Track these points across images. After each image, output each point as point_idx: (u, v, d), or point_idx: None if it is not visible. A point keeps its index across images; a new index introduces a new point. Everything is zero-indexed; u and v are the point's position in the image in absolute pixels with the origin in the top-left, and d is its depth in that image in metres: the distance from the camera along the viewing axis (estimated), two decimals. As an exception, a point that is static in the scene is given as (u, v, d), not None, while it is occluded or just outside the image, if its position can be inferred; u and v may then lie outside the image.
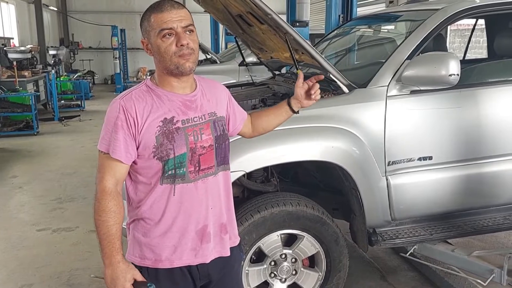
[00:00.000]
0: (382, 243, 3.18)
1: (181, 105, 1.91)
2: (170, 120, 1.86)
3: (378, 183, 3.09)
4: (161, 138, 1.84)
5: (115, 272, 1.83)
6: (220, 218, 2.04)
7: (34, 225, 5.13)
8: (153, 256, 1.94)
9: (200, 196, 1.94)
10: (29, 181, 6.82)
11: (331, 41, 4.75)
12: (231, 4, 3.31)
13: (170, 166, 1.86)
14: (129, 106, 1.83)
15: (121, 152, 1.83)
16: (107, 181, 1.85)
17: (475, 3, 3.35)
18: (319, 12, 15.14)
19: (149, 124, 1.83)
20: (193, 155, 1.90)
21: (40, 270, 4.12)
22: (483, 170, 3.29)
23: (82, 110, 13.56)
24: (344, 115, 3.01)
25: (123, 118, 1.82)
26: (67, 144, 9.20)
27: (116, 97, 1.90)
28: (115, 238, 1.83)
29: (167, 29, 1.81)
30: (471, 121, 3.22)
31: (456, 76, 2.85)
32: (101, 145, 1.86)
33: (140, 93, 1.89)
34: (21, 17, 16.21)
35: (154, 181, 1.89)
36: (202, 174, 1.94)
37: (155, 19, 1.83)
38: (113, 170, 1.85)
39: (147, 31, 1.87)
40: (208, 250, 2.00)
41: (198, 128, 1.92)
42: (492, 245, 4.42)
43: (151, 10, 1.86)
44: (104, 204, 1.82)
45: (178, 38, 1.82)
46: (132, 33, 22.10)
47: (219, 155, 1.99)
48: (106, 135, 1.84)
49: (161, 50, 1.84)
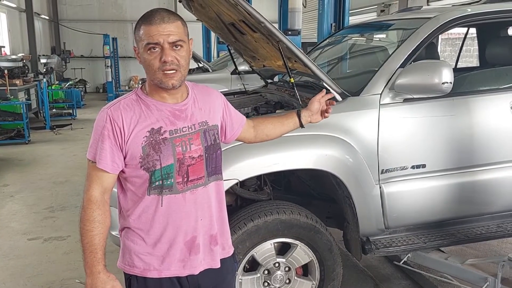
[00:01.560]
0: (375, 251, 3.17)
1: (170, 115, 1.89)
2: (158, 131, 1.84)
3: (371, 191, 3.08)
4: (148, 148, 1.82)
5: (95, 282, 1.83)
6: (210, 230, 2.02)
7: (25, 234, 5.08)
8: (142, 265, 1.93)
9: (188, 207, 1.92)
10: (21, 190, 6.76)
11: (323, 49, 4.76)
12: (224, 12, 3.31)
13: (157, 177, 1.85)
14: (116, 116, 1.82)
15: (107, 162, 1.82)
16: (93, 190, 1.84)
17: (467, 12, 3.37)
18: (311, 20, 15.23)
19: (135, 135, 1.82)
20: (181, 166, 1.88)
21: (32, 279, 4.07)
22: (477, 178, 3.29)
23: (73, 119, 13.50)
24: (338, 123, 3.01)
25: (110, 128, 1.81)
26: (59, 153, 9.15)
27: (105, 106, 1.89)
28: (97, 248, 1.82)
29: (153, 43, 1.79)
30: (464, 129, 3.23)
31: (449, 84, 2.87)
32: (89, 153, 1.87)
33: (129, 102, 1.87)
34: (13, 26, 16.15)
35: (142, 191, 1.88)
36: (191, 185, 1.92)
37: (144, 30, 1.81)
38: (100, 179, 1.85)
39: (137, 41, 1.85)
40: (197, 261, 1.98)
41: (187, 138, 1.89)
42: (485, 253, 4.43)
43: (142, 20, 1.83)
44: (89, 214, 1.81)
45: (162, 53, 1.79)
46: (124, 42, 22.14)
47: (210, 166, 1.97)
48: (94, 144, 1.85)
49: (146, 63, 1.83)
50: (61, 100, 14.89)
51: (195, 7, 3.82)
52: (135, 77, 21.58)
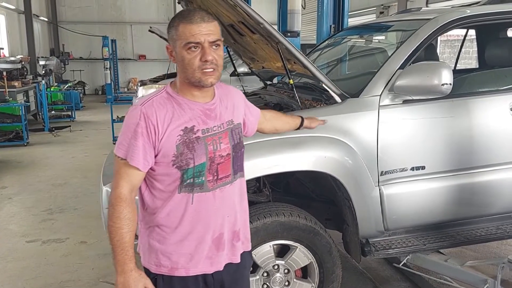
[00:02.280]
0: (375, 253, 3.16)
1: (202, 114, 1.90)
2: (191, 129, 1.85)
3: (371, 193, 3.07)
4: (182, 147, 1.83)
5: (127, 280, 1.82)
6: (234, 226, 2.06)
7: (23, 236, 5.07)
8: (169, 264, 1.94)
9: (217, 205, 1.95)
10: (19, 192, 6.75)
11: (322, 51, 4.76)
12: (223, 13, 3.31)
13: (189, 175, 1.86)
14: (150, 113, 1.81)
15: (139, 160, 1.81)
16: (122, 188, 1.83)
17: (466, 13, 3.36)
18: (310, 22, 15.23)
19: (169, 133, 1.82)
20: (212, 164, 1.90)
21: (30, 282, 4.06)
22: (476, 179, 3.28)
23: (72, 121, 13.50)
24: (337, 125, 3.00)
25: (144, 125, 1.80)
26: (58, 155, 9.13)
27: (137, 103, 1.88)
28: (128, 246, 1.82)
29: (194, 42, 1.79)
30: (463, 131, 3.22)
31: (448, 85, 2.86)
32: (119, 150, 1.84)
33: (161, 100, 1.87)
34: (11, 27, 16.14)
35: (172, 189, 1.89)
36: (220, 183, 1.95)
37: (183, 29, 1.79)
38: (129, 176, 1.84)
39: (173, 39, 1.84)
40: (223, 257, 2.02)
41: (217, 137, 1.92)
42: (484, 255, 4.42)
43: (181, 18, 1.82)
44: (118, 211, 1.80)
45: (203, 53, 1.80)
46: (123, 44, 22.17)
47: (236, 163, 2.00)
48: (125, 141, 1.83)
49: (184, 61, 1.82)
50: (60, 102, 14.88)
51: (194, 8, 3.81)
52: (134, 79, 21.57)
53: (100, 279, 4.01)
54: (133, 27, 22.38)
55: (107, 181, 3.22)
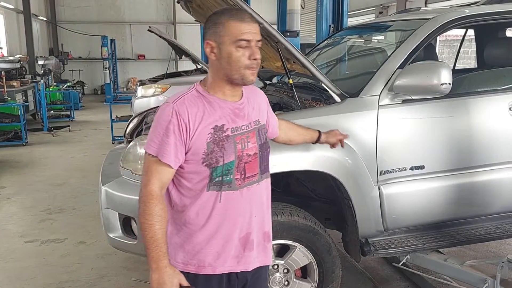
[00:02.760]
0: (374, 253, 3.16)
1: (231, 113, 1.92)
2: (221, 128, 1.87)
3: (370, 193, 3.07)
4: (212, 145, 1.85)
5: (162, 276, 1.83)
6: (263, 226, 2.08)
7: (22, 236, 5.06)
8: (196, 262, 1.96)
9: (244, 204, 1.96)
10: (18, 192, 6.74)
11: (321, 51, 4.75)
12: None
13: (218, 173, 1.88)
14: (182, 111, 1.83)
15: (171, 157, 1.83)
16: (153, 185, 1.84)
17: (465, 13, 3.37)
18: (309, 22, 15.22)
19: (201, 130, 1.84)
20: (240, 163, 1.92)
21: (29, 282, 4.05)
22: (475, 179, 3.29)
23: (71, 121, 13.48)
24: (336, 124, 2.99)
25: (176, 122, 1.82)
26: (56, 155, 9.12)
27: (168, 100, 1.89)
28: (161, 242, 1.83)
29: (245, 40, 1.83)
30: (462, 130, 3.22)
31: (447, 85, 2.86)
32: (150, 147, 1.85)
33: (192, 98, 1.89)
34: (10, 27, 16.12)
35: (200, 187, 1.90)
36: (247, 182, 1.96)
37: (234, 26, 1.83)
38: (160, 174, 1.85)
39: (220, 35, 1.85)
40: (251, 258, 2.03)
41: (245, 136, 1.94)
42: (484, 254, 4.43)
43: (230, 15, 1.85)
44: (151, 208, 1.82)
45: (252, 51, 1.85)
46: (122, 43, 22.16)
47: (263, 163, 2.02)
48: (156, 138, 1.84)
49: (231, 58, 1.84)
50: (58, 101, 14.88)
51: (193, 8, 3.82)
52: (133, 78, 21.57)
53: (132, 278, 4.00)
54: (132, 27, 22.38)
55: (106, 181, 3.22)
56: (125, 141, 4.19)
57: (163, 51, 21.38)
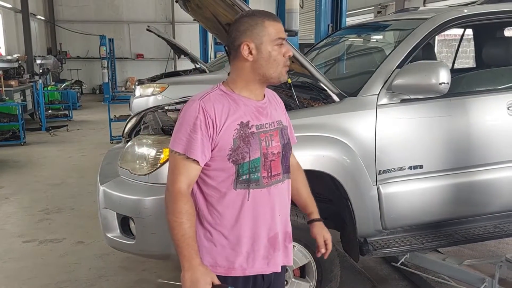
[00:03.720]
0: (373, 252, 3.16)
1: (255, 110, 1.92)
2: (246, 124, 1.86)
3: (369, 192, 3.07)
4: (238, 141, 1.84)
5: (195, 275, 1.79)
6: (286, 226, 2.06)
7: (20, 236, 5.05)
8: (226, 264, 1.93)
9: (272, 202, 1.95)
10: (16, 191, 6.73)
11: (320, 50, 4.75)
12: (221, 13, 3.30)
13: (244, 170, 1.86)
14: (208, 107, 1.83)
15: (198, 153, 1.81)
16: (181, 182, 1.83)
17: (464, 13, 3.37)
18: (308, 21, 15.23)
19: (227, 126, 1.83)
20: (266, 161, 1.90)
21: (27, 282, 4.04)
22: (474, 178, 3.29)
23: (69, 120, 13.45)
24: (335, 124, 3.00)
25: (203, 119, 1.81)
26: (55, 155, 9.10)
27: (194, 98, 1.90)
28: (193, 241, 1.81)
29: (283, 38, 1.87)
30: (461, 130, 3.23)
31: (446, 84, 2.86)
32: (177, 145, 1.84)
33: (216, 96, 1.89)
34: (8, 26, 16.10)
35: (227, 186, 1.88)
36: (274, 180, 1.94)
37: (272, 26, 1.86)
38: (188, 171, 1.84)
39: (259, 36, 1.86)
40: (279, 258, 2.01)
41: (269, 134, 1.93)
42: (482, 253, 4.43)
43: (264, 16, 1.88)
44: (180, 206, 1.80)
45: (287, 49, 1.89)
46: (121, 43, 22.13)
47: (284, 163, 2.00)
48: (183, 135, 1.83)
49: (271, 57, 1.87)
50: (57, 101, 14.86)
51: (191, 7, 3.81)
52: (132, 78, 21.55)
53: (158, 279, 3.94)
54: (131, 26, 22.35)
55: (104, 180, 3.21)
56: (124, 140, 4.18)
57: (161, 50, 21.35)
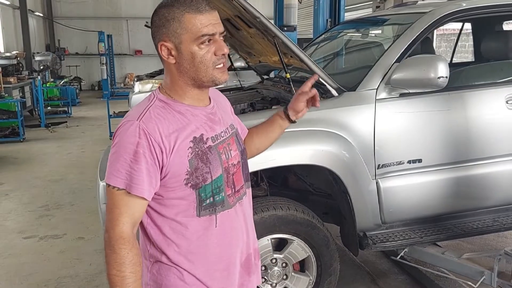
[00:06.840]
0: (372, 246, 3.17)
1: (206, 119, 1.60)
2: (200, 139, 1.54)
3: (368, 187, 3.08)
4: (195, 161, 1.52)
5: None
6: (254, 243, 1.80)
7: (20, 232, 5.06)
8: None
9: (241, 222, 1.68)
10: (16, 188, 6.74)
11: (319, 45, 4.75)
12: (219, 8, 3.29)
13: (207, 193, 1.55)
14: (151, 128, 1.47)
15: (144, 187, 1.46)
16: (124, 225, 1.46)
17: (462, 7, 3.36)
18: (306, 17, 15.22)
19: (178, 147, 1.49)
20: (228, 176, 1.62)
21: (27, 278, 4.06)
22: (473, 172, 3.29)
23: (69, 117, 13.46)
24: (334, 119, 3.00)
25: (146, 144, 1.45)
26: (54, 151, 9.11)
27: (128, 118, 1.52)
28: None
29: (209, 35, 1.50)
30: (460, 124, 3.23)
31: (444, 78, 2.86)
32: (115, 179, 1.47)
33: (157, 110, 1.53)
34: (6, 23, 16.07)
35: (189, 214, 1.56)
36: (238, 196, 1.67)
37: (192, 20, 1.48)
38: (132, 209, 1.48)
39: (177, 34, 1.51)
40: (255, 281, 1.79)
41: (226, 144, 1.64)
42: (481, 247, 4.44)
43: (184, 7, 1.50)
44: (123, 256, 1.44)
45: (218, 46, 1.52)
46: (119, 39, 22.08)
47: (244, 171, 1.74)
48: (122, 167, 1.47)
49: (196, 59, 1.51)
50: (56, 98, 14.86)
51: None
52: (131, 74, 21.51)
53: None
54: (129, 22, 22.29)
55: (104, 176, 3.21)
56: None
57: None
